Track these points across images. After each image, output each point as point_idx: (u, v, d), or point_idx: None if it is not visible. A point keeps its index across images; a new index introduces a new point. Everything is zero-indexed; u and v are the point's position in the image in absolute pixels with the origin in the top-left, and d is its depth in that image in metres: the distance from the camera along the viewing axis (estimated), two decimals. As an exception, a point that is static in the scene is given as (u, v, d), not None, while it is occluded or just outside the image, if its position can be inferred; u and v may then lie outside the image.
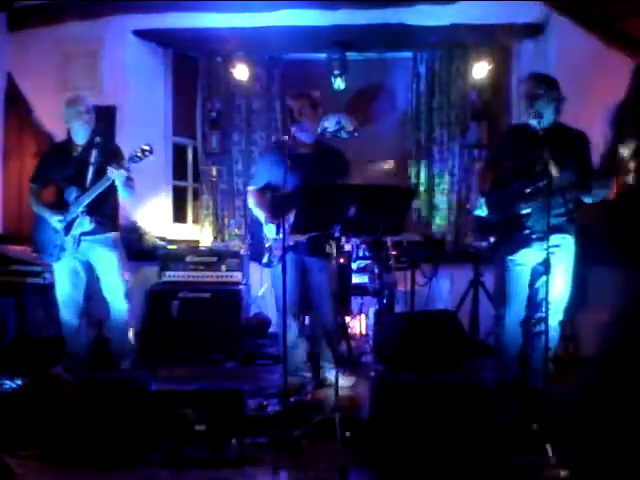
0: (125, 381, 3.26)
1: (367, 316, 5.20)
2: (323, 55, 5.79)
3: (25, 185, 5.66)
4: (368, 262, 5.06)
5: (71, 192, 3.94)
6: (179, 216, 6.25)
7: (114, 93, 5.32)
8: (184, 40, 5.82)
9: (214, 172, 5.95)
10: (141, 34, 5.63)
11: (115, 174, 3.81)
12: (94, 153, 3.95)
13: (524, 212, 3.45)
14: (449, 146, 5.86)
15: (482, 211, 3.68)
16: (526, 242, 3.46)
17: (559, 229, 3.41)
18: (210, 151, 6.04)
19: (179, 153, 6.23)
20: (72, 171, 3.98)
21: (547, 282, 3.20)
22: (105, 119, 5.12)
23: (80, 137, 4.04)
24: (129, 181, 3.92)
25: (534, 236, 3.43)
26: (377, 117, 6.03)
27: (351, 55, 5.79)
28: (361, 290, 5.05)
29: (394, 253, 4.88)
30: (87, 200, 3.88)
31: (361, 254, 5.08)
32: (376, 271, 4.94)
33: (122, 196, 4.00)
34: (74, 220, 3.90)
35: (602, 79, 4.92)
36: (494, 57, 5.58)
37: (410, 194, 4.55)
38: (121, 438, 3.00)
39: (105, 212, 4.01)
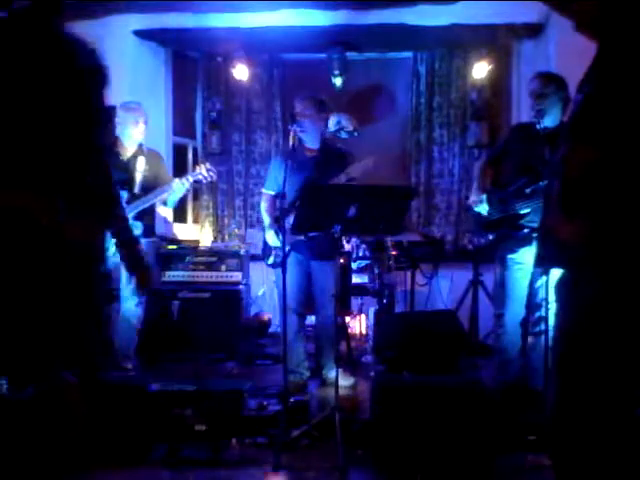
0: (125, 381, 3.26)
1: (367, 316, 5.20)
2: (323, 55, 5.79)
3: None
4: (368, 262, 5.06)
5: (121, 196, 4.01)
6: (179, 216, 6.25)
7: (114, 93, 5.28)
8: (184, 40, 5.82)
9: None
10: (141, 34, 5.63)
11: (179, 186, 3.92)
12: (142, 160, 4.03)
13: (523, 212, 3.44)
14: (449, 146, 5.86)
15: (483, 209, 3.67)
16: (526, 241, 3.46)
17: None
18: (210, 151, 6.04)
19: (179, 153, 6.23)
20: (120, 175, 4.05)
21: (547, 282, 3.20)
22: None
23: (131, 143, 4.15)
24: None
25: (534, 235, 3.40)
26: (377, 117, 6.03)
27: (351, 55, 5.79)
28: (361, 290, 5.05)
29: (394, 253, 4.88)
30: (143, 206, 4.01)
31: (361, 254, 5.08)
32: (376, 271, 4.94)
33: (170, 205, 4.19)
34: None
35: (602, 79, 4.92)
36: (494, 57, 5.58)
37: (410, 194, 4.55)
38: (121, 438, 3.00)
39: (144, 218, 4.12)
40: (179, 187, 4.00)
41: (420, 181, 5.89)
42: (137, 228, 4.02)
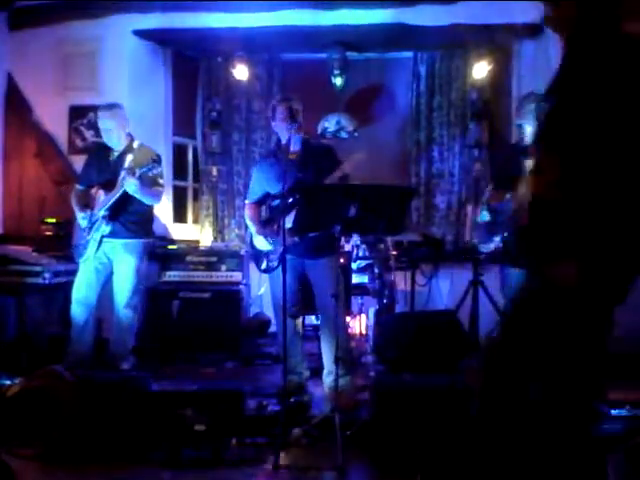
0: (125, 381, 3.26)
1: (367, 316, 5.20)
2: (323, 55, 5.79)
3: (25, 185, 5.71)
4: (368, 262, 5.05)
5: (100, 195, 4.05)
6: (179, 216, 6.25)
7: (114, 93, 5.31)
8: (184, 40, 5.82)
9: (214, 172, 5.95)
10: (141, 34, 5.63)
11: (127, 184, 3.86)
12: (130, 157, 4.01)
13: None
14: (449, 146, 5.86)
15: (484, 216, 3.96)
16: None
17: None
18: (210, 151, 6.04)
19: (179, 153, 6.23)
20: (108, 175, 4.06)
21: None
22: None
23: (118, 143, 4.13)
24: (146, 188, 3.97)
25: None
26: (377, 117, 6.03)
27: (351, 55, 5.79)
28: (361, 290, 5.05)
29: (394, 253, 4.88)
30: (107, 204, 3.96)
31: (361, 254, 5.08)
32: (376, 271, 4.94)
33: (145, 202, 4.07)
34: (96, 222, 3.98)
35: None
36: (494, 57, 5.57)
37: (410, 194, 4.55)
38: (121, 438, 3.00)
39: (128, 217, 4.06)
40: (126, 184, 3.92)
41: (420, 181, 5.89)
42: (102, 226, 3.99)
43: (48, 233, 5.01)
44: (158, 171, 3.96)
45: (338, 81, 5.78)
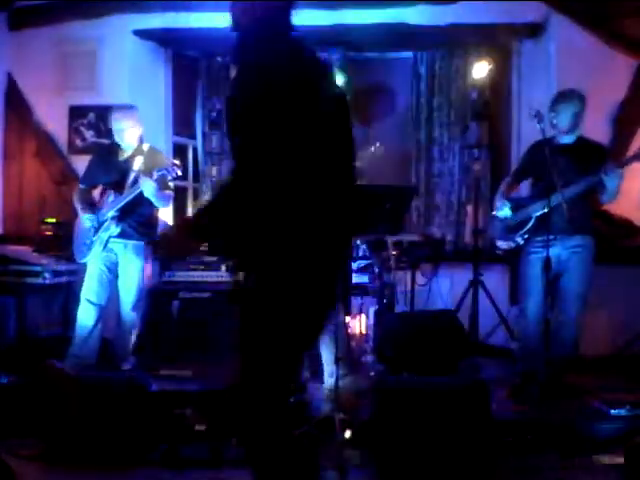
0: (125, 381, 3.26)
1: (367, 316, 5.20)
2: (323, 55, 5.79)
3: (25, 185, 5.71)
4: (368, 262, 5.05)
5: (109, 195, 4.05)
6: (179, 216, 6.24)
7: (114, 93, 5.31)
8: (184, 40, 5.81)
9: (214, 172, 5.94)
10: (141, 34, 5.62)
11: (144, 185, 3.87)
12: (140, 160, 4.02)
13: (539, 213, 3.81)
14: (449, 146, 5.85)
15: (505, 212, 4.01)
16: (546, 241, 3.70)
17: (581, 229, 3.76)
18: (210, 151, 6.04)
19: (179, 153, 6.22)
20: (116, 175, 4.06)
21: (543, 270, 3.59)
22: (105, 119, 5.12)
23: (129, 145, 4.15)
24: (160, 192, 3.98)
25: (551, 236, 3.65)
26: (377, 117, 6.02)
27: (351, 55, 5.79)
28: (361, 290, 5.04)
29: (394, 253, 4.88)
30: (118, 205, 3.98)
31: (361, 254, 5.08)
32: (376, 271, 4.94)
33: (156, 205, 4.10)
34: (104, 222, 3.98)
35: (602, 79, 4.92)
36: (494, 57, 5.56)
37: (410, 193, 4.56)
38: (121, 438, 3.00)
39: (136, 219, 4.08)
40: (144, 186, 3.93)
41: (420, 181, 5.88)
42: (111, 227, 3.99)
43: (48, 233, 5.00)
44: (173, 175, 4.00)
45: (338, 81, 5.77)
